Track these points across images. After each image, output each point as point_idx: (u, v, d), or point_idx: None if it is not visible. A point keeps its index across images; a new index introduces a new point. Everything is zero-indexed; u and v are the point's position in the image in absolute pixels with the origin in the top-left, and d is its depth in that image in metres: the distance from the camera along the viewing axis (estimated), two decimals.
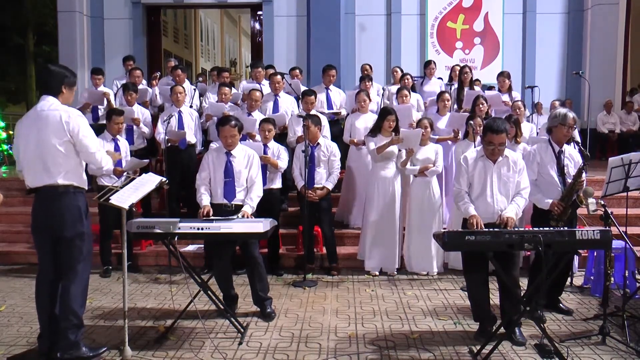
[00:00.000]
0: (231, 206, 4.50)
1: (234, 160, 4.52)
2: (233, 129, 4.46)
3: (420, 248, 5.68)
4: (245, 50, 23.10)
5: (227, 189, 4.51)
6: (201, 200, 4.48)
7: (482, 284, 3.90)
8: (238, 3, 12.94)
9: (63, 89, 3.50)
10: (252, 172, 4.56)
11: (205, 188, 4.54)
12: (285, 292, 5.18)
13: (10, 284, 5.50)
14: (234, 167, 4.50)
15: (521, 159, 4.01)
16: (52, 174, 3.38)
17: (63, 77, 3.50)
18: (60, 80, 3.49)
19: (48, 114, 3.38)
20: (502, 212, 3.82)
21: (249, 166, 4.55)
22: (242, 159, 4.55)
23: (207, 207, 4.39)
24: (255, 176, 4.57)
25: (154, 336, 4.01)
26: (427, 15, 11.25)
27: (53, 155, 3.38)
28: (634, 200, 6.52)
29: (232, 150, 4.53)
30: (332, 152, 5.81)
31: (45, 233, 3.48)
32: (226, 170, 4.50)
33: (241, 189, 4.54)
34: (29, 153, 3.45)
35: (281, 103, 7.02)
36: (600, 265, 4.92)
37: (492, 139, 3.79)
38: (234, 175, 4.50)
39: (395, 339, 3.96)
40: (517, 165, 3.93)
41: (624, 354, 3.67)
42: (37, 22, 19.91)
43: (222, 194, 4.51)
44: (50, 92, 3.48)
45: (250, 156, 4.59)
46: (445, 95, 6.81)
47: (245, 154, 4.58)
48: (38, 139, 3.39)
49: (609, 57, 10.97)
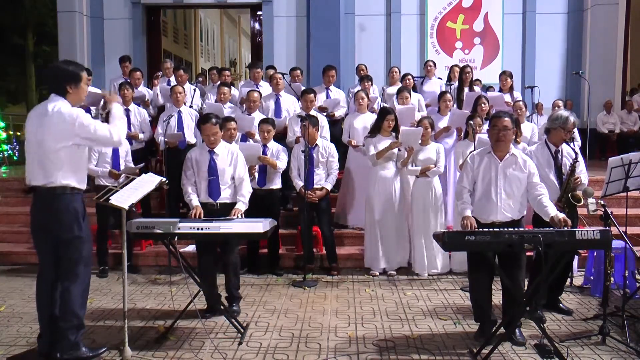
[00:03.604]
0: (216, 205, 4.50)
1: (217, 158, 4.51)
2: (214, 126, 4.45)
3: (423, 249, 5.67)
4: (245, 50, 23.10)
5: (211, 188, 4.50)
6: (191, 201, 4.49)
7: (486, 285, 3.90)
8: (238, 3, 12.92)
9: (68, 88, 3.42)
10: (238, 170, 4.55)
11: (192, 188, 4.55)
12: (285, 292, 5.17)
13: (10, 284, 5.50)
14: (217, 165, 4.50)
15: (530, 160, 3.93)
16: (49, 174, 3.36)
17: (65, 76, 3.42)
18: (63, 80, 3.42)
19: (52, 114, 3.35)
20: (553, 214, 3.64)
21: (233, 164, 4.54)
22: (226, 156, 4.54)
23: (198, 209, 4.39)
24: (242, 173, 4.57)
25: (154, 336, 4.01)
26: (426, 15, 11.24)
27: (52, 156, 3.36)
28: (634, 200, 6.52)
29: (215, 148, 4.52)
30: (330, 153, 5.81)
31: (44, 234, 3.47)
32: (210, 168, 4.49)
33: (226, 187, 4.53)
34: (30, 151, 3.44)
35: (283, 102, 7.01)
36: (600, 265, 4.92)
37: (495, 122, 3.80)
38: (217, 173, 4.50)
39: (395, 339, 3.95)
40: (527, 165, 3.85)
41: (624, 354, 3.67)
42: (37, 22, 19.91)
43: (206, 192, 4.51)
44: (56, 92, 3.44)
45: (233, 153, 4.58)
46: (447, 96, 6.82)
47: (228, 152, 4.57)
48: (38, 138, 3.38)
49: (609, 57, 10.96)
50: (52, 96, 3.45)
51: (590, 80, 9.87)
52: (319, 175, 5.74)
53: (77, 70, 3.48)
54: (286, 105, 7.00)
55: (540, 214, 3.81)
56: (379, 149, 5.65)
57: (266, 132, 5.70)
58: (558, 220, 3.59)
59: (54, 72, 3.49)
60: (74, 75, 3.44)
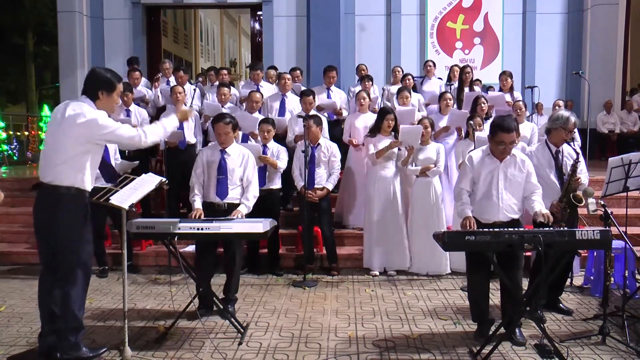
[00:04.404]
0: (223, 205, 4.50)
1: (228, 158, 4.52)
2: (227, 125, 4.46)
3: (423, 249, 5.66)
4: (245, 50, 23.11)
5: (219, 187, 4.50)
6: (194, 202, 4.49)
7: (484, 285, 3.90)
8: (238, 3, 12.93)
9: (100, 94, 3.45)
10: (247, 171, 4.55)
11: (199, 189, 4.56)
12: (285, 292, 5.17)
13: (10, 284, 5.50)
14: (227, 165, 4.50)
15: (528, 160, 3.95)
16: (56, 171, 3.37)
17: (101, 83, 3.45)
18: (98, 86, 3.45)
19: (72, 117, 3.35)
20: (537, 210, 3.73)
21: (244, 165, 4.55)
22: (237, 157, 4.55)
23: (199, 211, 4.38)
24: (251, 176, 4.57)
25: (154, 336, 4.01)
26: (427, 15, 11.25)
27: (62, 155, 3.36)
28: (634, 200, 6.52)
29: (227, 149, 4.53)
30: (333, 152, 5.81)
31: (45, 233, 3.46)
32: (220, 167, 4.50)
33: (234, 187, 4.53)
34: (46, 146, 3.47)
35: (288, 103, 7.01)
36: (600, 265, 4.92)
37: (503, 137, 3.74)
38: (227, 173, 4.50)
39: (395, 340, 3.95)
40: (525, 165, 3.88)
41: (624, 354, 3.66)
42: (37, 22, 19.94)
43: (214, 192, 4.51)
44: (88, 94, 3.46)
45: (245, 155, 4.59)
46: (447, 95, 6.83)
47: (240, 153, 4.58)
48: (54, 136, 3.40)
49: (609, 57, 10.96)
50: (81, 97, 3.48)
51: (590, 80, 9.87)
52: (320, 174, 5.74)
53: (114, 79, 3.51)
54: (291, 106, 6.99)
55: (527, 207, 3.90)
56: (379, 148, 5.65)
57: (266, 132, 5.70)
58: (542, 215, 3.69)
59: (91, 76, 3.51)
60: (109, 82, 3.48)
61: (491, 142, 3.85)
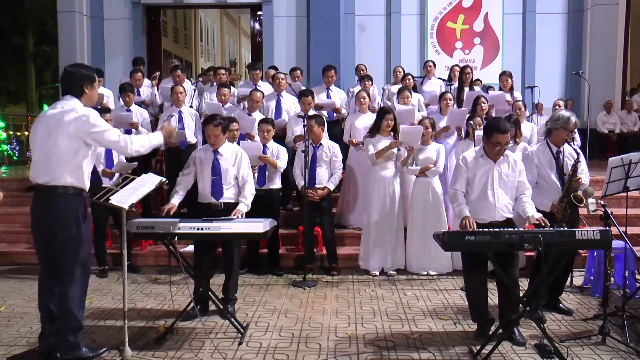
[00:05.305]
0: (220, 205, 4.51)
1: (221, 158, 4.52)
2: (215, 128, 4.45)
3: (422, 249, 5.67)
4: (245, 50, 23.09)
5: (214, 188, 4.51)
6: (172, 197, 4.49)
7: (482, 284, 3.90)
8: (238, 3, 12.93)
9: (85, 89, 3.50)
10: (242, 170, 4.56)
11: (182, 187, 4.55)
12: (285, 292, 5.17)
13: (10, 284, 5.50)
14: (221, 165, 4.50)
15: (520, 160, 4.00)
16: (53, 171, 3.37)
17: (83, 78, 3.51)
18: (81, 81, 3.50)
19: (62, 113, 3.38)
20: (530, 215, 3.78)
21: (237, 164, 4.55)
22: (230, 157, 4.55)
23: (171, 206, 4.37)
24: (246, 174, 4.58)
25: (154, 336, 4.01)
26: (427, 15, 11.24)
27: (57, 155, 3.36)
28: (634, 200, 6.52)
29: (219, 148, 4.53)
30: (334, 152, 5.81)
31: (43, 234, 3.46)
32: (213, 168, 4.50)
33: (229, 187, 4.54)
34: (36, 149, 3.47)
35: (283, 103, 7.01)
36: (600, 265, 4.92)
37: (499, 139, 3.76)
38: (221, 173, 4.50)
39: (395, 339, 3.95)
40: (517, 165, 3.93)
41: (624, 354, 3.66)
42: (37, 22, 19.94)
43: (210, 192, 4.52)
44: (72, 93, 3.49)
45: (238, 154, 4.59)
46: (448, 95, 6.83)
47: (232, 152, 4.58)
48: (45, 136, 3.40)
49: (609, 57, 10.96)
50: (66, 97, 3.50)
51: (590, 80, 9.87)
52: (321, 174, 5.74)
53: (91, 72, 3.61)
54: (286, 106, 6.99)
55: (519, 210, 3.92)
56: (379, 148, 5.65)
57: (266, 131, 5.70)
58: (535, 220, 3.73)
59: (70, 75, 3.53)
60: (89, 76, 3.55)
61: (487, 143, 3.87)
